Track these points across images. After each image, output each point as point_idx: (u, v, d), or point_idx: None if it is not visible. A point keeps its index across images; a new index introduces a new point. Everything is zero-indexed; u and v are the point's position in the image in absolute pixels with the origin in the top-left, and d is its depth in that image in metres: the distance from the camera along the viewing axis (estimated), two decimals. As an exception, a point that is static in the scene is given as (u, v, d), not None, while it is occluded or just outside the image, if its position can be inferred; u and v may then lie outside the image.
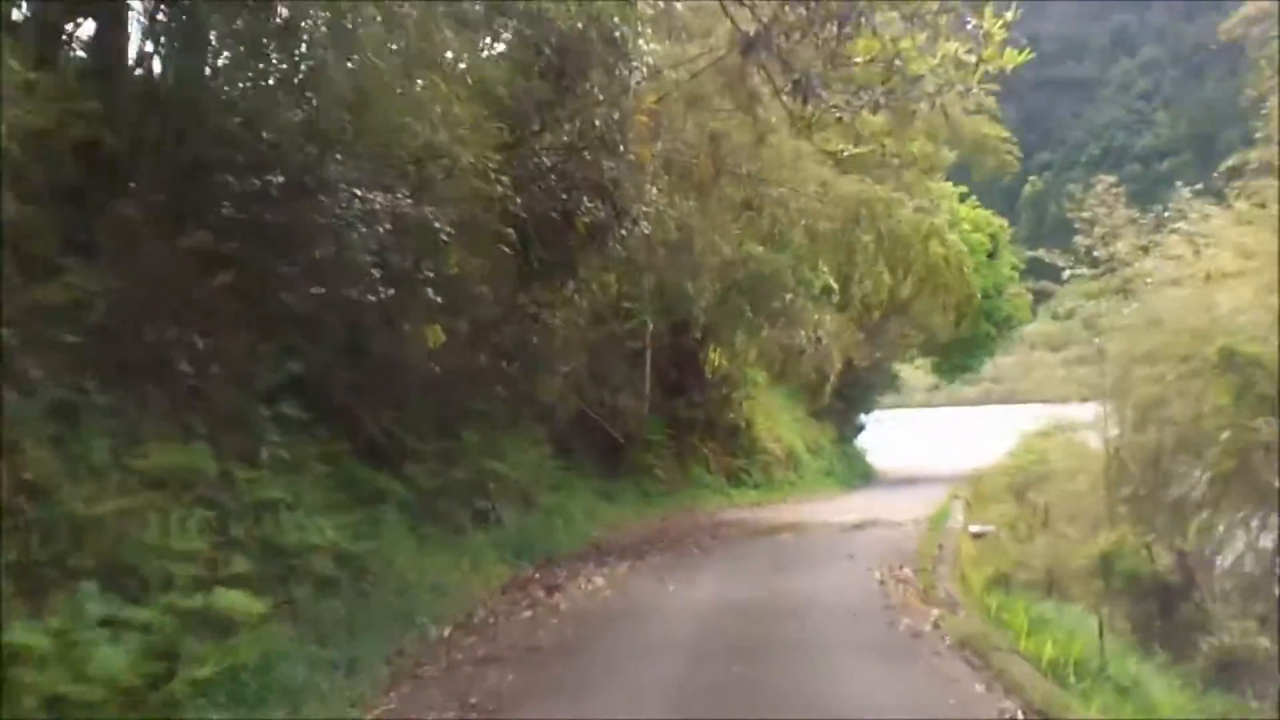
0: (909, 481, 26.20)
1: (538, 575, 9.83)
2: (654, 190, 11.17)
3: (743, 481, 20.03)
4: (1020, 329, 29.15)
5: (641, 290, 14.62)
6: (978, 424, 46.34)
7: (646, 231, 11.27)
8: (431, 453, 9.42)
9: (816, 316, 17.02)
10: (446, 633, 7.37)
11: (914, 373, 37.23)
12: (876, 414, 32.35)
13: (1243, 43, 15.61)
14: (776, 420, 22.98)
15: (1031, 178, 75.62)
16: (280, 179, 6.87)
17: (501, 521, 10.48)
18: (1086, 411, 14.17)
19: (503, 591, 9.17)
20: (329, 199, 7.12)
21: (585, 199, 10.19)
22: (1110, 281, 12.94)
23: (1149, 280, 12.51)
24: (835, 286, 18.82)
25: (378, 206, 7.38)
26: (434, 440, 9.59)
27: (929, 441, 36.45)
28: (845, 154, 15.54)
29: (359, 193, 7.30)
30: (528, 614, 8.22)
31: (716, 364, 21.36)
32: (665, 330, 19.85)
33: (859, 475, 26.84)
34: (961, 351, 31.27)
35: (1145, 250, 12.77)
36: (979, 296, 26.56)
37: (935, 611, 7.96)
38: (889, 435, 32.81)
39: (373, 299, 7.33)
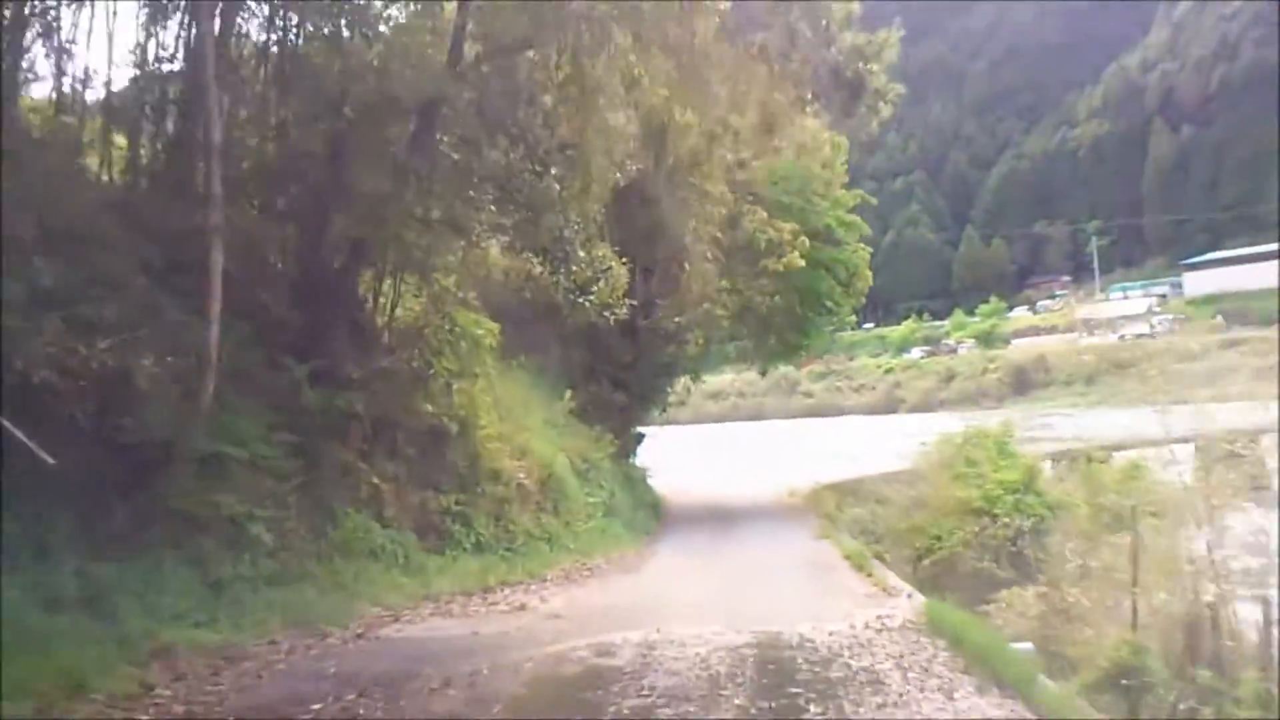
0: (716, 517, 17.48)
1: None
2: None
3: (455, 539, 10.27)
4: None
5: None
6: (739, 441, 39.58)
7: None
8: None
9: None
10: None
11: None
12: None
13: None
14: (518, 420, 12.65)
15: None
16: None
17: None
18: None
19: None
20: None
21: None
22: None
23: None
24: None
25: None
26: None
27: (693, 461, 29.17)
28: None
29: None
30: None
31: (393, 307, 10.83)
32: (296, 232, 9.26)
33: (647, 510, 17.07)
34: (792, 326, 21.59)
35: None
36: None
37: None
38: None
39: None
